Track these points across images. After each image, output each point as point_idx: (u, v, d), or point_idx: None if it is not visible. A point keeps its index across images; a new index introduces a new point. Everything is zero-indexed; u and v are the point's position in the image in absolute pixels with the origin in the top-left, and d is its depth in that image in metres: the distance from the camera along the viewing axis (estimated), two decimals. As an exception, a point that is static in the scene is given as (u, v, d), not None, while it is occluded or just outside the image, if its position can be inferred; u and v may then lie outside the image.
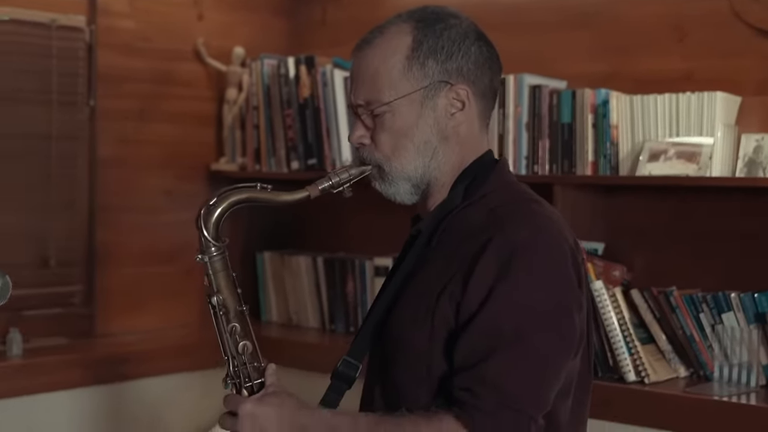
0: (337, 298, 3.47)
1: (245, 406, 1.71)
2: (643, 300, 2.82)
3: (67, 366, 3.05)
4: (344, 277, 3.45)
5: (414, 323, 1.74)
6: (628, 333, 2.75)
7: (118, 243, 3.37)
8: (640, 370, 2.73)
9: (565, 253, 1.73)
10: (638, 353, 2.74)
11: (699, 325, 2.75)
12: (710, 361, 2.74)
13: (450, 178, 1.84)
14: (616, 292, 2.79)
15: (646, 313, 2.81)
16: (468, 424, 1.61)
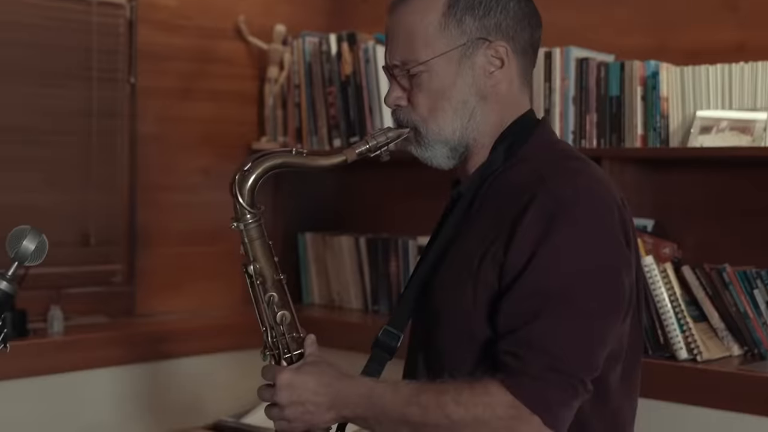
0: (380, 278, 3.42)
1: (283, 376, 1.68)
2: (695, 277, 2.74)
3: (107, 343, 3.02)
4: (387, 257, 3.40)
5: (456, 288, 1.68)
6: (679, 309, 2.67)
7: (158, 222, 3.34)
8: (692, 347, 2.65)
9: (612, 211, 1.66)
10: (690, 330, 2.66)
11: (753, 302, 2.66)
12: (765, 339, 2.65)
13: (490, 139, 1.78)
14: (666, 267, 2.71)
15: (698, 290, 2.73)
16: (514, 389, 1.55)
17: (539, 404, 1.54)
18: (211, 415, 3.24)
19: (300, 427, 1.68)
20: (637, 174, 2.94)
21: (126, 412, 3.07)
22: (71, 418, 2.96)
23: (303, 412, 1.66)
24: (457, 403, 1.57)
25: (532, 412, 1.54)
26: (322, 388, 1.66)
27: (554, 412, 1.56)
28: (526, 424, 1.54)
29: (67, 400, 2.95)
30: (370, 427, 1.66)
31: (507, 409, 1.55)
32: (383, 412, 1.63)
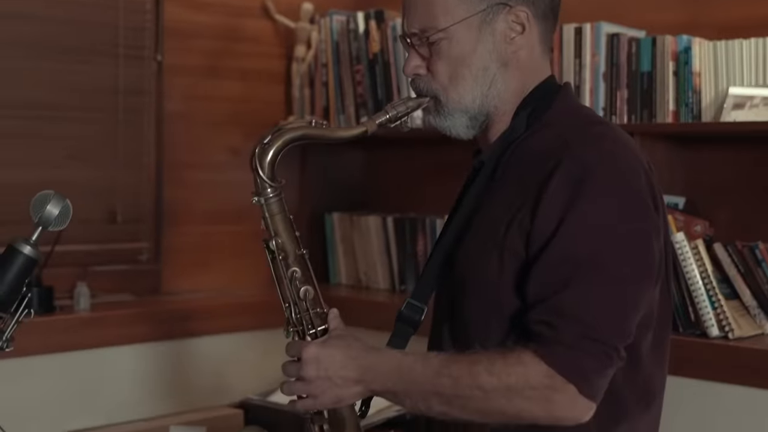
0: (407, 258, 3.39)
1: (309, 350, 1.65)
2: (727, 254, 2.69)
3: (133, 321, 3.01)
4: (414, 236, 3.38)
5: (482, 257, 1.66)
6: (711, 287, 2.63)
7: (185, 201, 3.33)
8: (723, 324, 2.61)
9: (639, 175, 1.64)
10: (722, 308, 2.61)
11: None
12: (798, 317, 2.61)
13: (511, 107, 1.75)
14: (698, 244, 2.66)
15: (730, 267, 2.69)
16: (548, 358, 1.52)
17: (574, 373, 1.52)
18: (237, 393, 3.22)
19: (327, 402, 1.66)
20: (668, 151, 2.90)
21: (151, 390, 3.07)
22: (96, 395, 2.95)
23: (330, 386, 1.63)
24: (490, 374, 1.54)
25: (567, 381, 1.52)
26: (349, 362, 1.63)
27: (590, 381, 1.53)
28: (561, 393, 1.52)
29: (93, 377, 2.95)
30: (399, 401, 1.63)
31: (542, 378, 1.52)
32: (413, 384, 1.60)
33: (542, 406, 1.53)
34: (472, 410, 1.57)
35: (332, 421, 1.68)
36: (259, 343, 3.29)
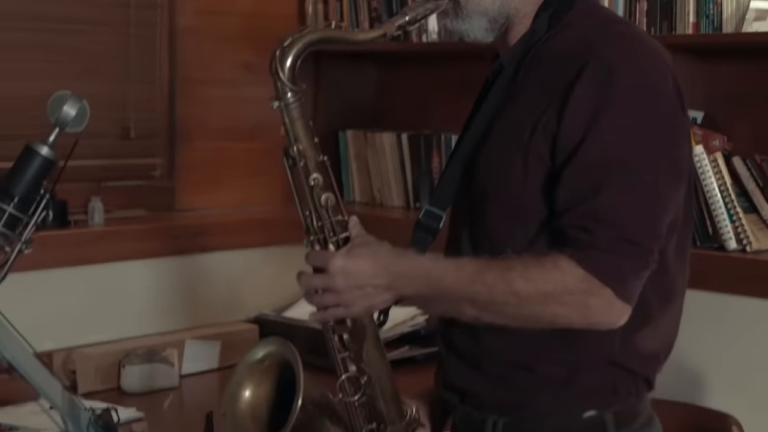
0: (422, 175, 3.37)
1: (336, 262, 1.61)
2: (746, 168, 2.67)
3: (148, 235, 3.01)
4: (429, 153, 3.35)
5: (505, 163, 1.63)
6: (729, 200, 2.61)
7: (198, 116, 3.30)
8: (741, 237, 2.59)
9: (666, 77, 1.61)
10: (740, 221, 2.60)
11: (805, 192, 2.60)
12: (816, 231, 2.59)
13: (532, 8, 1.71)
14: (717, 157, 2.64)
15: (749, 181, 2.66)
16: (585, 263, 1.50)
17: (611, 276, 1.50)
18: (252, 309, 3.23)
19: (358, 311, 1.63)
20: (687, 64, 2.85)
21: (166, 305, 3.07)
22: (111, 309, 2.96)
23: (362, 296, 1.60)
24: (525, 280, 1.52)
25: (604, 285, 1.50)
26: (379, 270, 1.60)
27: (626, 284, 1.52)
28: (597, 297, 1.50)
29: (108, 291, 2.96)
30: (430, 306, 1.63)
31: (578, 283, 1.50)
32: (445, 291, 1.58)
33: (578, 312, 1.52)
34: (506, 316, 1.56)
35: (353, 330, 1.66)
36: (274, 258, 3.29)
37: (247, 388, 1.68)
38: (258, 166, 3.43)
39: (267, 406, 1.68)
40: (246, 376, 1.68)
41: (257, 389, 1.68)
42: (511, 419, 1.65)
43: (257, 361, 1.69)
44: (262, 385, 1.68)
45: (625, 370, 1.64)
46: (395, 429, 1.70)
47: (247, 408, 1.67)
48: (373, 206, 3.50)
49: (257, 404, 1.68)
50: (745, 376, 2.60)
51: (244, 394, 1.68)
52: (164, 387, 2.80)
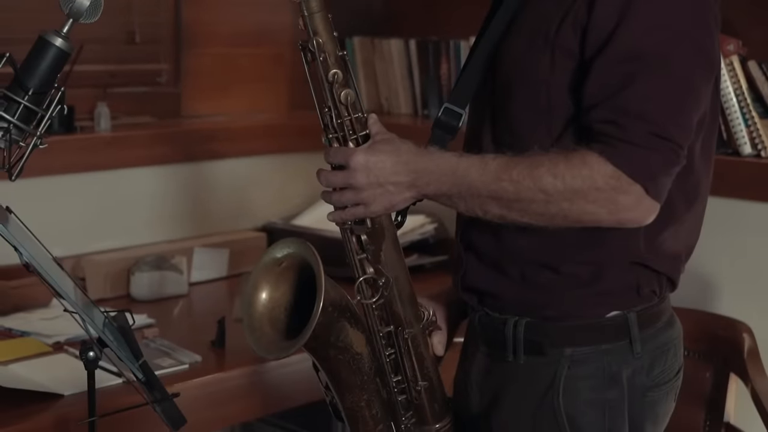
0: (430, 82, 3.33)
1: (357, 157, 1.56)
2: (761, 72, 2.63)
3: (156, 141, 2.98)
4: (438, 59, 3.30)
5: (531, 56, 1.57)
6: (745, 104, 2.57)
7: (204, 21, 3.25)
8: (756, 142, 2.56)
9: None
10: (755, 125, 2.57)
11: (822, 97, 2.56)
12: (833, 136, 2.57)
13: None
14: (733, 61, 2.60)
15: (764, 86, 2.62)
16: (614, 158, 1.46)
17: (641, 172, 1.46)
18: (260, 217, 3.22)
19: (378, 209, 1.59)
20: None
21: (174, 212, 3.06)
22: (118, 216, 2.95)
23: (382, 193, 1.57)
24: (553, 176, 1.48)
25: (634, 182, 1.46)
26: (401, 167, 1.56)
27: (656, 180, 1.48)
28: (626, 194, 1.47)
29: (116, 198, 2.94)
30: (454, 205, 1.57)
31: (607, 179, 1.46)
32: (470, 188, 1.53)
33: (607, 208, 1.48)
34: (533, 214, 1.52)
35: (371, 231, 1.62)
36: (282, 166, 3.27)
37: (264, 291, 1.64)
38: (264, 73, 3.39)
39: (285, 308, 1.65)
40: (263, 278, 1.64)
41: (274, 292, 1.64)
42: (532, 320, 1.64)
43: (275, 263, 1.65)
44: (279, 287, 1.65)
45: (649, 269, 1.62)
46: (412, 331, 1.69)
47: (265, 311, 1.64)
48: (381, 114, 3.45)
49: (275, 307, 1.64)
50: (758, 282, 2.59)
51: (261, 296, 1.64)
52: (173, 294, 2.81)
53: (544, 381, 1.63)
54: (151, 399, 1.77)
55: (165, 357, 2.29)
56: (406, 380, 1.71)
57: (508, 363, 1.67)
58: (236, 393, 2.30)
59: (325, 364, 1.66)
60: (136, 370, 1.77)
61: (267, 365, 2.34)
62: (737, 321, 2.48)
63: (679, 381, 1.75)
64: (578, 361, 1.62)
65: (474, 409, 1.75)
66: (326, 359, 1.65)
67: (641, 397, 1.66)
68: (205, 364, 2.30)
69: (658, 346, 1.67)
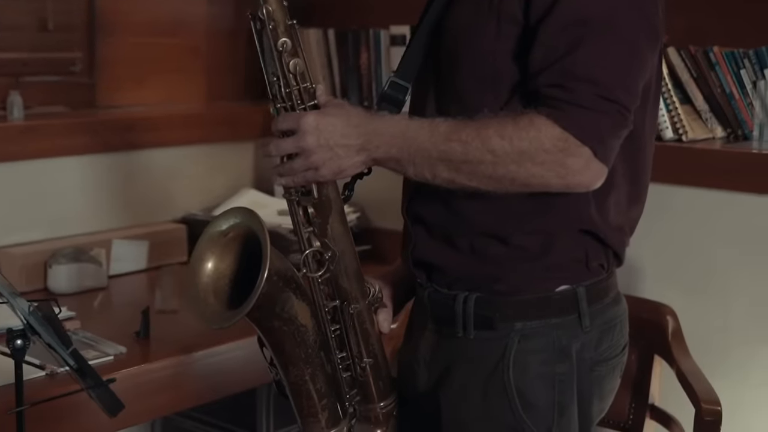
0: (350, 71, 3.31)
1: (307, 119, 1.55)
2: (680, 59, 2.68)
3: (73, 131, 2.89)
4: (358, 49, 3.29)
5: (476, 24, 1.57)
6: (666, 89, 2.62)
7: (119, 10, 3.17)
8: (678, 127, 2.61)
9: None
10: (677, 111, 2.61)
11: (739, 83, 2.62)
12: (750, 120, 2.62)
13: None
14: (654, 47, 2.64)
15: (683, 72, 2.68)
16: (562, 121, 1.46)
17: (590, 134, 1.46)
18: (180, 209, 3.16)
19: (327, 174, 1.57)
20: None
21: (92, 204, 2.98)
22: (35, 208, 2.86)
23: (332, 157, 1.54)
24: (501, 137, 1.48)
25: (582, 144, 1.46)
26: (351, 130, 1.54)
27: (604, 142, 1.48)
28: (575, 156, 1.47)
29: (33, 189, 2.85)
30: (403, 169, 1.55)
31: (555, 141, 1.46)
32: (420, 150, 1.52)
33: (555, 171, 1.48)
34: (481, 177, 1.51)
35: (318, 203, 1.61)
36: (202, 157, 3.22)
37: (208, 262, 1.62)
38: (180, 64, 3.33)
39: (230, 279, 1.62)
40: (208, 249, 1.62)
41: (220, 263, 1.62)
42: (482, 295, 1.63)
43: (220, 233, 1.62)
44: (225, 258, 1.62)
45: (598, 240, 1.63)
46: (358, 307, 1.67)
47: (209, 281, 1.61)
48: (300, 105, 3.43)
49: (220, 278, 1.62)
50: (680, 265, 2.63)
51: (206, 267, 1.62)
52: (92, 287, 2.74)
53: (494, 355, 1.63)
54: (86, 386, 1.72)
55: (89, 349, 2.22)
56: (350, 356, 1.70)
57: (458, 339, 1.66)
58: (163, 384, 2.25)
59: (270, 335, 1.63)
60: (67, 357, 1.72)
61: (193, 355, 2.30)
62: (661, 304, 2.51)
63: (624, 357, 1.77)
64: (528, 336, 1.62)
65: (421, 388, 1.73)
66: (270, 330, 1.63)
67: (589, 371, 1.67)
68: (130, 355, 2.25)
69: (606, 321, 1.69)
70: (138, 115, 3.12)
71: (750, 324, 2.54)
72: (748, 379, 2.54)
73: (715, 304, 2.58)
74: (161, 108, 3.24)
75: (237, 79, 3.42)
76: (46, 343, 1.74)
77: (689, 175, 2.56)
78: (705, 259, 2.59)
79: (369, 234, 3.10)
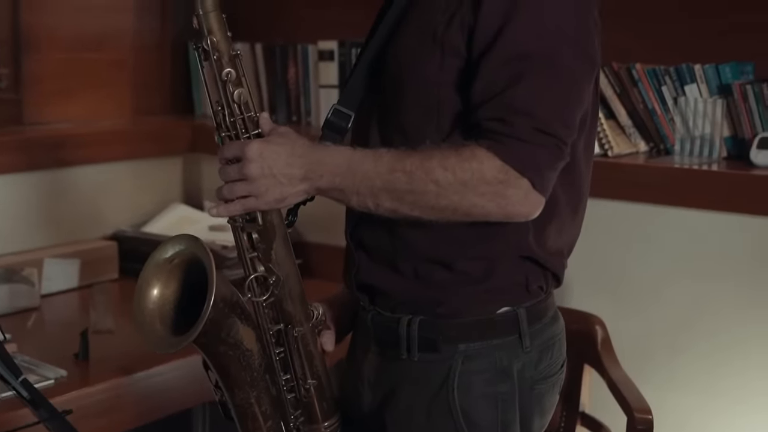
0: (278, 86, 3.33)
1: (252, 148, 1.57)
2: (604, 75, 2.75)
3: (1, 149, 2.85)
4: (285, 64, 3.30)
5: (421, 54, 1.61)
6: (591, 105, 2.68)
7: (44, 25, 3.13)
8: (603, 143, 2.68)
9: None
10: (602, 126, 2.68)
11: (661, 99, 2.70)
12: (671, 135, 2.70)
13: None
14: (579, 64, 2.70)
15: (607, 88, 2.75)
16: (502, 153, 1.50)
17: (528, 166, 1.51)
18: (110, 225, 3.14)
19: (270, 201, 1.58)
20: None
21: (21, 223, 2.94)
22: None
23: (275, 184, 1.56)
24: (444, 168, 1.51)
25: (521, 176, 1.50)
26: (295, 159, 1.57)
27: (542, 174, 1.53)
28: (514, 188, 1.51)
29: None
30: (346, 198, 1.58)
31: (496, 173, 1.50)
32: (363, 180, 1.55)
33: (495, 202, 1.52)
34: (424, 206, 1.54)
35: (262, 229, 1.63)
36: (131, 173, 3.21)
37: (154, 288, 1.63)
38: (106, 79, 3.31)
39: (175, 305, 1.64)
40: (153, 275, 1.63)
41: (165, 289, 1.64)
42: (425, 318, 1.66)
43: (165, 260, 1.64)
44: (170, 284, 1.64)
45: (537, 264, 1.68)
46: (302, 330, 1.69)
47: (155, 308, 1.62)
48: (227, 120, 3.42)
49: (165, 303, 1.63)
50: (606, 275, 2.70)
51: (152, 293, 1.63)
52: (25, 307, 2.70)
53: (438, 377, 1.66)
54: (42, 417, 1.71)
55: (29, 373, 2.17)
56: (295, 378, 1.72)
57: (402, 360, 1.69)
58: (104, 406, 2.23)
59: (215, 360, 1.65)
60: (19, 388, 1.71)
61: (135, 376, 2.28)
62: (589, 314, 2.58)
63: (563, 374, 1.82)
64: (471, 356, 1.66)
65: (366, 409, 1.76)
66: (216, 355, 1.64)
67: (530, 389, 1.71)
68: (71, 378, 2.22)
69: (545, 341, 1.74)
70: (65, 131, 3.09)
71: (671, 331, 2.62)
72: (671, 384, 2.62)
73: (639, 312, 2.66)
74: (88, 124, 3.21)
75: (164, 93, 3.42)
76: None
77: (614, 189, 2.63)
78: (631, 269, 2.67)
79: (300, 248, 3.11)
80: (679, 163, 2.61)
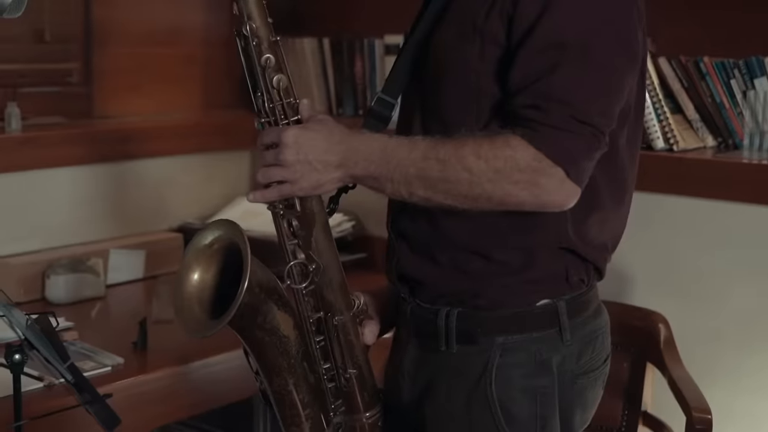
0: (345, 80, 3.33)
1: (289, 133, 1.57)
2: (671, 68, 2.70)
3: (69, 142, 2.91)
4: (352, 58, 3.31)
5: (461, 43, 1.60)
6: (657, 100, 2.64)
7: (115, 20, 3.18)
8: (669, 137, 2.63)
9: None
10: (667, 120, 2.63)
11: (729, 92, 2.64)
12: (740, 129, 2.64)
13: None
14: (644, 57, 2.65)
15: (674, 81, 2.70)
16: (536, 141, 1.48)
17: (562, 155, 1.48)
18: (176, 218, 3.19)
19: (305, 187, 1.59)
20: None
21: (89, 214, 3.00)
22: (32, 218, 2.88)
23: (310, 171, 1.56)
24: (477, 156, 1.50)
25: (555, 164, 1.48)
26: (331, 146, 1.56)
27: (577, 164, 1.50)
28: (547, 176, 1.49)
29: (29, 200, 2.87)
30: (381, 186, 1.57)
31: (529, 161, 1.48)
32: (398, 167, 1.54)
33: (529, 191, 1.50)
34: (457, 195, 1.53)
35: (302, 216, 1.63)
36: (198, 166, 3.25)
37: (195, 272, 1.64)
38: (176, 74, 3.35)
39: (215, 290, 1.65)
40: (194, 259, 1.65)
41: (205, 273, 1.65)
42: (464, 309, 1.65)
43: (205, 245, 1.65)
44: (210, 269, 1.65)
45: (577, 256, 1.65)
46: (342, 318, 1.69)
47: (194, 291, 1.64)
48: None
49: (204, 288, 1.65)
50: (671, 273, 2.65)
51: (192, 277, 1.64)
52: (90, 297, 2.76)
53: (476, 369, 1.65)
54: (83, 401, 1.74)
55: (87, 360, 2.24)
56: (335, 367, 1.71)
57: (441, 353, 1.67)
58: (160, 395, 2.27)
59: (252, 345, 1.66)
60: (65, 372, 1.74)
61: (190, 366, 2.32)
62: (652, 312, 2.54)
63: (606, 368, 1.78)
64: (510, 349, 1.64)
65: (406, 400, 1.75)
66: (253, 340, 1.65)
67: (571, 383, 1.68)
68: (128, 366, 2.26)
69: (587, 334, 1.70)
70: (134, 125, 3.14)
71: (740, 331, 2.56)
72: (739, 386, 2.56)
73: (706, 311, 2.60)
74: (157, 118, 3.26)
75: (233, 87, 3.44)
76: (43, 358, 1.76)
77: (680, 185, 2.58)
78: (696, 266, 2.62)
79: (364, 242, 3.13)
80: (748, 159, 2.55)
